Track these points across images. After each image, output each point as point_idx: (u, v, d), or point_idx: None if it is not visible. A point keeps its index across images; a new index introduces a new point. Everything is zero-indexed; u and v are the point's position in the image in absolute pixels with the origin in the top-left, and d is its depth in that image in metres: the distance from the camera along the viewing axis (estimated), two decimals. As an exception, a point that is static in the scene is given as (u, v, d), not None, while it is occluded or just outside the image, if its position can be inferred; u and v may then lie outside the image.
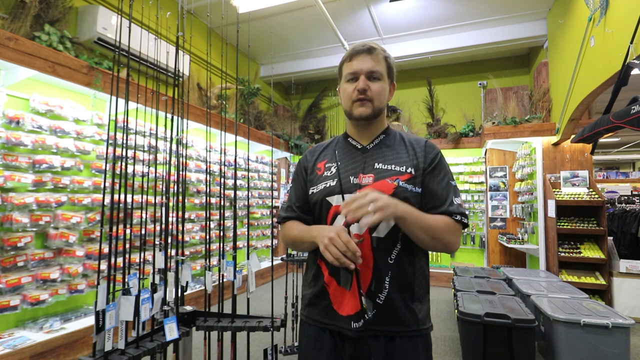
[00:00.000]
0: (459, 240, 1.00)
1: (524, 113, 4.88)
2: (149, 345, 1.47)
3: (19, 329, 2.53)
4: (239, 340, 1.99)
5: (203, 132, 4.25)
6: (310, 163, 1.14)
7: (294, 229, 1.09)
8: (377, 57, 1.03)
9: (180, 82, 2.12)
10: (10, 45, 2.29)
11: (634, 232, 4.65)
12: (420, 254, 1.03)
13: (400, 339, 0.96)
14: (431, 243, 0.95)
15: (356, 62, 1.02)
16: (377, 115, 1.05)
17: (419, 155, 1.04)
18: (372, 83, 1.02)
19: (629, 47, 2.47)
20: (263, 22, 5.04)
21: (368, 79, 1.02)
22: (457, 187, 1.04)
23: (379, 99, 1.03)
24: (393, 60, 1.09)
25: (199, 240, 4.20)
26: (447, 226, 0.96)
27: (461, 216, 0.98)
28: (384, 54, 1.05)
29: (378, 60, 1.03)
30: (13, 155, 2.45)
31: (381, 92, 1.03)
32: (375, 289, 0.95)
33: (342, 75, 1.08)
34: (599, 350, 2.33)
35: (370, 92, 1.01)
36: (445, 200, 0.99)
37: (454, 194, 1.01)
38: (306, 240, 1.01)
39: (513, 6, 4.67)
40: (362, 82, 1.01)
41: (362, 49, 1.03)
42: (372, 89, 1.01)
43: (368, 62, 1.01)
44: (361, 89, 1.01)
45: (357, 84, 1.02)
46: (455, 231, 0.97)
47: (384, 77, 1.04)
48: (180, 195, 1.94)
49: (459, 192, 1.05)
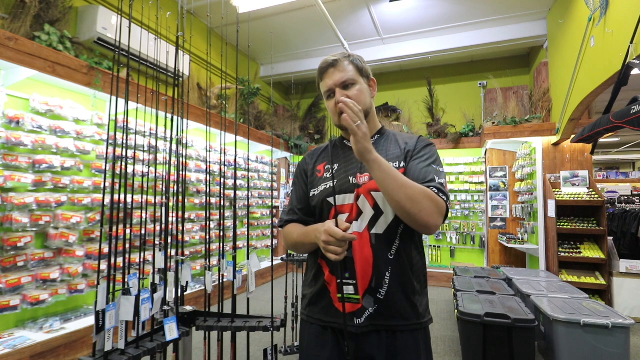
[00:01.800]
0: (439, 217, 0.90)
1: (524, 113, 4.88)
2: (149, 345, 1.47)
3: (19, 329, 2.53)
4: (239, 340, 1.99)
5: (203, 132, 4.25)
6: (310, 166, 1.17)
7: (293, 232, 1.11)
8: (342, 66, 1.05)
9: (180, 82, 2.12)
10: (10, 45, 2.29)
11: (634, 232, 4.65)
12: (418, 249, 1.05)
13: (402, 334, 0.98)
14: (407, 204, 0.86)
15: (327, 78, 1.06)
16: (365, 117, 1.06)
17: (409, 148, 1.06)
18: (348, 91, 1.04)
19: (629, 47, 2.47)
20: (263, 22, 5.04)
21: (343, 89, 1.04)
22: (443, 173, 1.00)
23: (360, 101, 1.04)
24: (360, 59, 1.10)
25: (199, 240, 4.20)
26: (424, 192, 0.89)
27: (439, 191, 0.92)
28: (349, 59, 1.07)
29: (344, 69, 1.05)
30: (13, 155, 2.45)
31: (359, 96, 1.04)
32: (375, 285, 0.97)
33: (322, 94, 1.12)
34: (599, 350, 2.33)
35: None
36: (424, 177, 0.96)
37: (437, 175, 0.97)
38: (306, 243, 1.04)
39: (513, 6, 4.67)
40: (338, 94, 1.04)
41: (327, 65, 1.06)
42: (351, 96, 1.03)
43: (336, 75, 1.04)
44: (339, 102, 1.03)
45: (336, 98, 1.04)
46: (433, 200, 0.89)
47: (358, 80, 1.06)
48: (180, 195, 1.94)
49: (445, 178, 1.00)
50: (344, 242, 0.88)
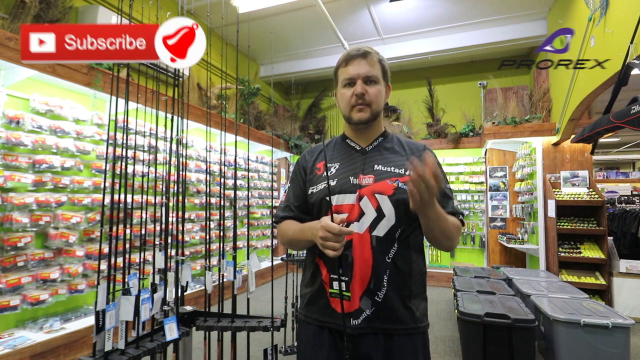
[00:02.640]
0: (459, 238, 1.08)
1: (524, 113, 4.88)
2: (149, 345, 1.48)
3: (19, 329, 2.53)
4: (239, 340, 1.99)
5: (203, 132, 4.24)
6: (309, 163, 1.15)
7: (288, 229, 1.10)
8: (372, 60, 1.04)
9: (180, 82, 2.12)
10: (10, 45, 2.29)
11: (634, 232, 4.65)
12: (417, 252, 1.04)
13: (399, 337, 0.97)
14: (443, 242, 0.99)
15: (352, 67, 1.04)
16: (375, 118, 1.07)
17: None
18: (369, 87, 1.03)
19: (629, 47, 2.47)
20: (263, 22, 5.04)
21: (365, 83, 1.03)
22: (450, 188, 1.10)
23: (376, 102, 1.05)
24: (387, 63, 1.10)
25: (199, 240, 4.20)
26: (456, 228, 1.02)
27: (462, 216, 1.06)
28: (378, 57, 1.07)
29: (373, 64, 1.04)
30: (13, 155, 2.45)
31: (378, 96, 1.05)
32: (374, 287, 0.97)
33: (338, 80, 1.10)
34: (599, 350, 2.33)
35: (368, 96, 1.03)
36: (447, 203, 1.04)
37: (451, 196, 1.08)
38: (302, 240, 1.03)
39: (513, 6, 4.67)
40: (359, 86, 1.02)
41: (357, 54, 1.04)
42: (370, 92, 1.03)
43: (364, 67, 1.03)
44: (359, 94, 1.02)
45: (355, 89, 1.03)
46: (459, 230, 1.04)
47: (380, 80, 1.06)
48: (180, 195, 1.94)
49: (451, 189, 1.11)
50: (342, 237, 0.87)
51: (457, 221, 1.03)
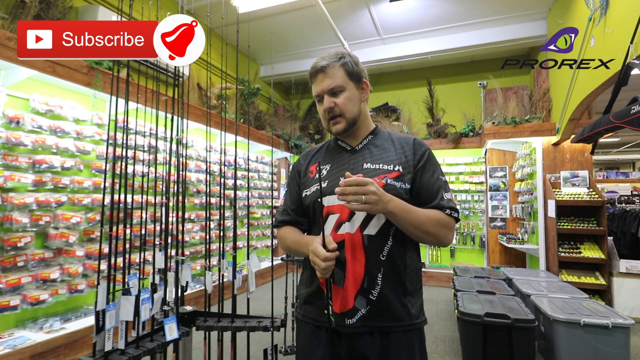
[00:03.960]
0: (452, 234, 1.02)
1: (524, 113, 4.88)
2: (149, 345, 1.47)
3: (19, 329, 2.53)
4: (239, 340, 1.99)
5: (203, 132, 4.24)
6: (303, 167, 1.18)
7: (287, 238, 1.14)
8: (333, 71, 1.05)
9: (180, 82, 2.12)
10: (10, 45, 2.29)
11: (634, 232, 4.65)
12: (412, 249, 1.05)
13: (395, 334, 0.98)
14: (425, 237, 0.98)
15: (315, 84, 1.08)
16: (353, 125, 1.09)
17: (407, 153, 1.06)
18: (335, 98, 1.05)
19: (629, 47, 2.47)
20: (263, 22, 5.04)
21: (331, 96, 1.05)
22: (447, 182, 1.07)
23: (347, 109, 1.06)
24: (352, 61, 1.07)
25: (199, 240, 4.20)
26: (438, 220, 0.98)
27: (451, 210, 1.01)
28: (340, 62, 1.05)
29: (333, 75, 1.05)
30: (13, 155, 2.45)
31: (348, 103, 1.05)
32: (368, 285, 0.98)
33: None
34: (599, 350, 2.33)
35: (338, 108, 1.05)
36: (435, 196, 1.02)
37: (444, 189, 1.04)
38: (300, 252, 1.08)
39: (513, 6, 4.67)
40: (326, 102, 1.06)
41: (316, 71, 1.06)
42: (338, 103, 1.05)
43: (325, 82, 1.05)
44: (328, 109, 1.05)
45: (324, 104, 1.06)
46: (446, 225, 1.00)
47: (346, 85, 1.05)
48: (180, 195, 1.94)
49: (449, 187, 1.07)
50: (328, 265, 0.91)
51: (442, 215, 0.99)
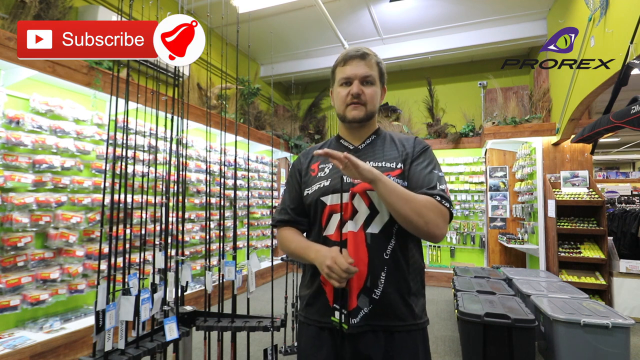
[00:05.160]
0: (444, 225, 0.94)
1: (524, 113, 4.88)
2: (149, 345, 1.47)
3: (19, 329, 2.53)
4: (239, 340, 1.99)
5: (203, 132, 4.24)
6: (304, 165, 1.17)
7: (290, 241, 1.10)
8: (370, 62, 1.06)
9: (180, 82, 2.12)
10: (10, 45, 2.29)
11: (634, 232, 4.65)
12: (415, 248, 1.05)
13: (399, 334, 0.98)
14: (414, 218, 0.90)
15: (349, 67, 1.06)
16: (369, 118, 1.09)
17: (408, 150, 1.07)
18: (365, 88, 1.05)
19: (629, 47, 2.47)
20: (263, 22, 5.04)
21: (361, 84, 1.05)
22: (443, 177, 1.03)
23: (372, 102, 1.07)
24: (384, 66, 1.12)
25: (199, 240, 4.20)
26: (428, 203, 0.93)
27: (442, 198, 0.95)
28: (376, 59, 1.09)
29: (371, 66, 1.06)
30: (13, 155, 2.45)
31: (374, 96, 1.07)
32: (370, 284, 0.97)
33: (335, 79, 1.11)
34: (599, 350, 2.33)
35: (364, 96, 1.05)
36: (427, 184, 0.98)
37: (438, 180, 0.99)
38: (304, 258, 1.04)
39: (513, 6, 4.67)
40: (355, 86, 1.05)
41: (356, 55, 1.06)
42: (366, 93, 1.05)
43: (362, 68, 1.05)
44: (355, 94, 1.05)
45: (351, 89, 1.05)
46: (437, 211, 0.93)
47: (377, 81, 1.08)
48: (180, 195, 1.94)
49: (445, 182, 1.02)
50: (347, 275, 0.90)
51: (432, 200, 0.94)
